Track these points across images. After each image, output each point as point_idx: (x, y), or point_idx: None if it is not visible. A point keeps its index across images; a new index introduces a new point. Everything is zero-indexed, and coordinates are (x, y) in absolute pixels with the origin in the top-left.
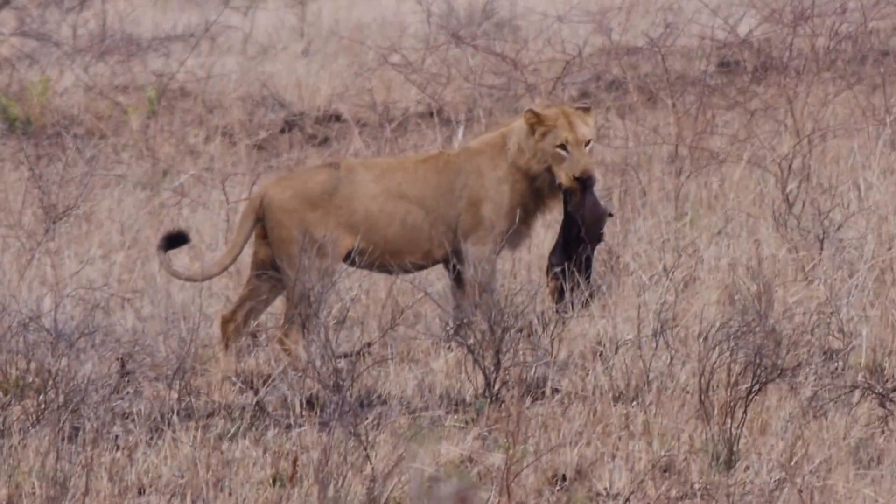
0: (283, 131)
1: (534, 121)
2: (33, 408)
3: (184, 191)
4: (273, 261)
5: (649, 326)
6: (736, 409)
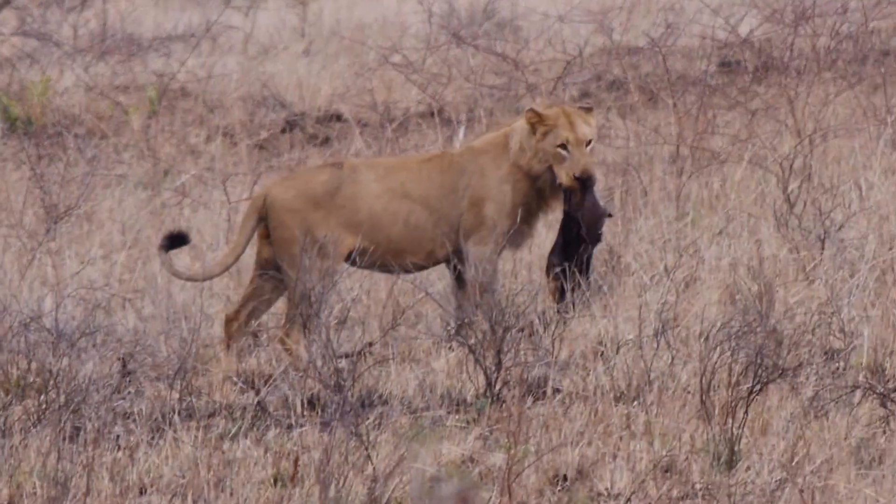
0: (283, 131)
1: (535, 120)
2: (34, 408)
3: (185, 191)
4: (276, 260)
5: (650, 326)
6: (737, 409)
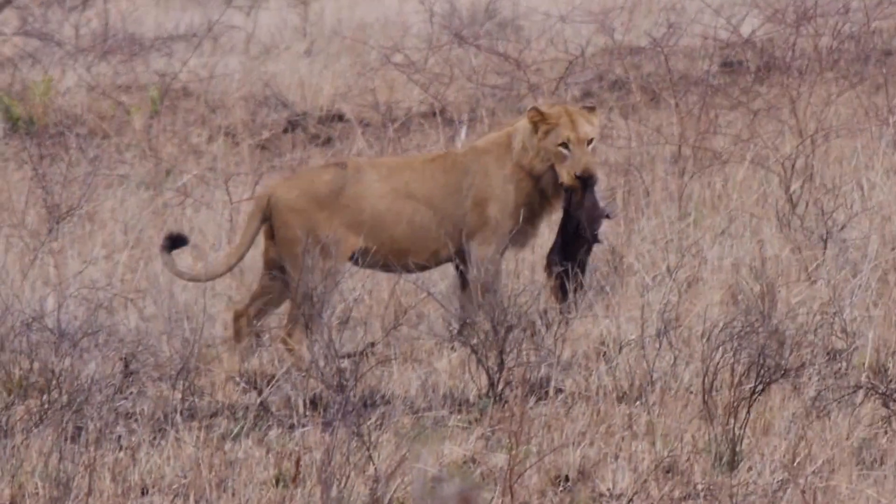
0: (285, 131)
1: (537, 119)
2: (36, 408)
3: (187, 191)
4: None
5: (653, 326)
6: (739, 410)
